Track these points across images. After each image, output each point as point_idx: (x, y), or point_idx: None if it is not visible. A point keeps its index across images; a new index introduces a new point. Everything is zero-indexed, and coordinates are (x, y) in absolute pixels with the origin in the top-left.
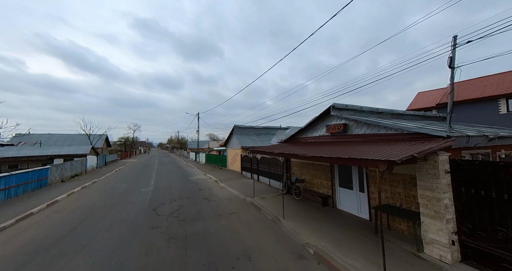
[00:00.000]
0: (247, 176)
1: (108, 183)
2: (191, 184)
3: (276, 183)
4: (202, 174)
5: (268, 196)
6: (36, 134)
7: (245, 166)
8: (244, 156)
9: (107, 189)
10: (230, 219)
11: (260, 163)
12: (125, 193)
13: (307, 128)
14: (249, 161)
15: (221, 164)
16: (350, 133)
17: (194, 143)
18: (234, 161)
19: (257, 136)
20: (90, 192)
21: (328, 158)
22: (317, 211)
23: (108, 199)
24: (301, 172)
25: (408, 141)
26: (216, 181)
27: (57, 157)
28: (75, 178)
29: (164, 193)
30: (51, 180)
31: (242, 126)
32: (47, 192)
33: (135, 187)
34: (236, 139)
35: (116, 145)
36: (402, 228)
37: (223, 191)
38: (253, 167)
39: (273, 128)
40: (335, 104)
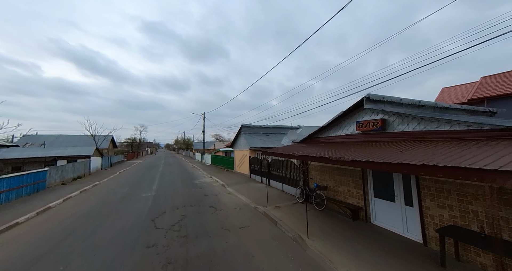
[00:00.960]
0: (257, 180)
1: (109, 187)
2: (196, 189)
3: (290, 189)
4: (207, 176)
5: (283, 205)
6: (43, 135)
7: (254, 169)
8: (253, 158)
9: (106, 193)
10: (240, 236)
11: (271, 166)
12: (125, 198)
13: (329, 126)
14: (258, 163)
15: (227, 166)
16: (391, 131)
17: (199, 144)
18: (241, 163)
19: (267, 136)
20: (88, 197)
21: (388, 164)
22: (347, 227)
23: (104, 205)
24: (322, 178)
25: (497, 140)
26: (223, 185)
27: (60, 158)
28: (77, 181)
29: (166, 199)
30: (50, 183)
31: (250, 126)
32: (43, 197)
33: (136, 192)
34: (244, 140)
35: (123, 146)
36: (482, 261)
37: (231, 198)
38: (264, 170)
39: (283, 127)
40: (370, 95)
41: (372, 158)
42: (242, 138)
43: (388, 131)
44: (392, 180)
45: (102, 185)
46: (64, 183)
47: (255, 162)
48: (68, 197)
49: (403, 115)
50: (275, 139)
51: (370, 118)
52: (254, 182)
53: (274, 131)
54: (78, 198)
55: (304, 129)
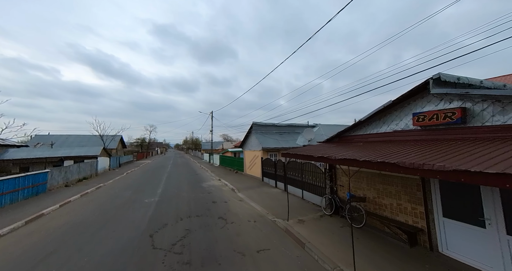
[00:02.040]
0: (270, 184)
1: (112, 190)
2: (203, 194)
3: (313, 197)
4: (216, 179)
5: (308, 218)
6: (54, 135)
7: (267, 172)
8: (265, 159)
9: (107, 197)
10: (259, 265)
11: (288, 169)
12: (125, 204)
13: (368, 121)
14: (272, 165)
15: (237, 168)
16: (477, 125)
17: (207, 144)
18: (252, 164)
19: (280, 135)
20: (87, 201)
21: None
22: (405, 257)
23: (102, 213)
24: (356, 186)
25: None
26: (233, 189)
27: (67, 158)
28: (83, 182)
29: (170, 206)
30: (52, 185)
31: (262, 124)
32: (40, 201)
33: (139, 196)
34: (256, 139)
35: (133, 146)
36: None
37: (243, 206)
38: (279, 174)
39: (297, 126)
40: (442, 75)
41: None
42: (253, 137)
43: (471, 124)
44: (480, 195)
45: (105, 187)
46: (67, 185)
47: (268, 164)
48: (66, 202)
49: (504, 100)
50: (290, 139)
51: (438, 107)
52: (267, 186)
53: (287, 130)
54: (77, 203)
55: (321, 127)
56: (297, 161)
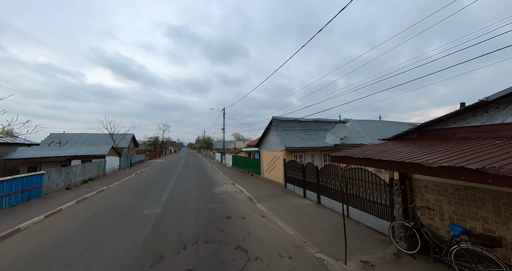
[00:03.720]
0: (296, 193)
1: (113, 195)
2: (215, 204)
3: (364, 216)
4: (229, 183)
5: (375, 257)
6: (68, 133)
7: (292, 177)
8: (290, 161)
9: (103, 206)
10: None
11: (322, 175)
12: (120, 218)
13: (482, 108)
14: (299, 169)
15: (252, 170)
16: None
17: (219, 143)
18: (272, 167)
19: (305, 133)
20: (77, 212)
21: None
22: None
23: (85, 233)
24: (461, 211)
25: None
26: (251, 199)
27: (75, 158)
28: (87, 184)
29: (173, 223)
30: (50, 188)
31: (283, 119)
32: (26, 210)
33: (139, 205)
34: (276, 137)
35: (146, 145)
36: None
37: (268, 227)
38: (309, 181)
39: (324, 121)
40: None
41: None
42: (274, 135)
43: None
44: None
45: (107, 191)
46: (69, 188)
47: (293, 167)
48: (55, 212)
49: None
50: (317, 137)
51: None
52: (293, 195)
53: (313, 126)
54: (66, 214)
55: (354, 123)
56: (335, 165)
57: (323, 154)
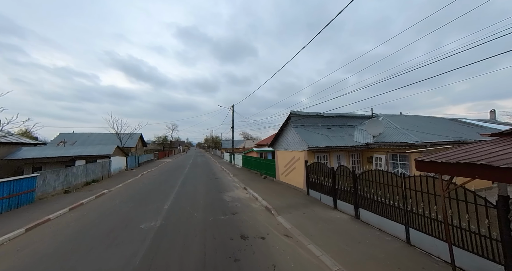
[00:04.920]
0: (323, 202)
1: (113, 200)
2: (226, 216)
3: (435, 245)
4: (240, 187)
5: None
6: (77, 133)
7: (316, 183)
8: (313, 163)
9: (97, 216)
10: None
11: (361, 183)
12: (111, 233)
13: None
14: (327, 174)
15: (265, 172)
16: None
17: (228, 142)
18: (290, 170)
19: (329, 130)
20: (66, 224)
21: None
22: None
23: (64, 256)
24: None
25: None
26: (268, 209)
27: (79, 158)
28: (90, 186)
29: (173, 246)
30: (46, 192)
31: (303, 114)
32: (8, 220)
33: (137, 216)
34: (296, 135)
35: (155, 144)
36: None
37: (298, 256)
38: (341, 188)
39: (350, 116)
40: None
41: None
42: (292, 132)
43: None
44: None
45: (108, 195)
46: (68, 191)
47: (318, 171)
48: (42, 222)
49: None
50: (343, 134)
51: None
52: (319, 205)
53: (337, 122)
54: (53, 225)
55: (387, 118)
56: (380, 170)
57: (351, 154)
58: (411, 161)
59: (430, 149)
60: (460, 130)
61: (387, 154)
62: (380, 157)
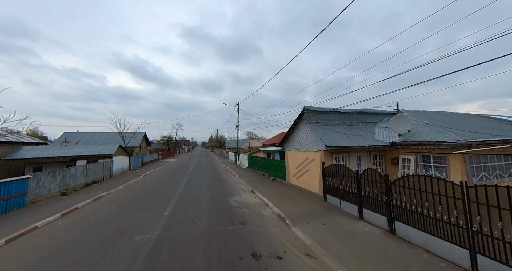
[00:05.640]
0: (344, 210)
1: (110, 205)
2: (233, 226)
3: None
4: (247, 190)
5: None
6: (81, 132)
7: (334, 187)
8: (332, 166)
9: (89, 224)
10: None
11: (396, 190)
12: (101, 247)
13: None
14: (348, 178)
15: (274, 174)
16: None
17: (232, 142)
18: (302, 172)
19: (347, 128)
20: (52, 233)
21: None
22: None
23: None
24: None
25: None
26: (282, 218)
27: (80, 158)
28: (90, 187)
29: (170, 267)
30: (40, 195)
31: (317, 110)
32: None
33: (133, 225)
34: (310, 133)
35: (160, 144)
36: None
37: None
38: (369, 196)
39: (370, 113)
40: None
41: None
42: (306, 130)
43: None
44: None
45: (106, 199)
46: (65, 193)
47: (338, 174)
48: (26, 231)
49: None
50: (364, 133)
51: None
52: (340, 214)
53: (355, 119)
54: (38, 235)
55: (413, 115)
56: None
57: (372, 155)
58: (449, 163)
59: (477, 149)
60: (499, 127)
61: (416, 155)
62: (408, 158)
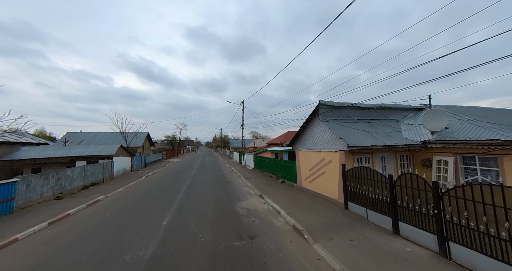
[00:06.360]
0: (372, 221)
1: (104, 211)
2: (241, 240)
3: None
4: (255, 194)
5: None
6: (84, 132)
7: (359, 194)
8: (355, 169)
9: (76, 237)
10: None
11: (452, 203)
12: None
13: None
14: (378, 183)
15: (282, 176)
16: None
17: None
18: (317, 174)
19: (367, 124)
20: (33, 248)
21: None
22: None
23: None
24: None
25: None
26: (298, 231)
27: (79, 159)
28: (87, 191)
29: None
30: (30, 200)
31: (335, 104)
32: None
33: (126, 237)
34: (328, 131)
35: (164, 143)
36: None
37: None
38: (408, 207)
39: (393, 108)
40: None
41: None
42: (322, 128)
43: None
44: None
45: (101, 204)
46: (59, 197)
47: (363, 178)
48: (4, 245)
49: None
50: (387, 130)
51: None
52: (367, 226)
53: (377, 115)
54: (15, 250)
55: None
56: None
57: (399, 156)
58: (503, 167)
59: None
60: None
61: (456, 156)
62: (445, 159)
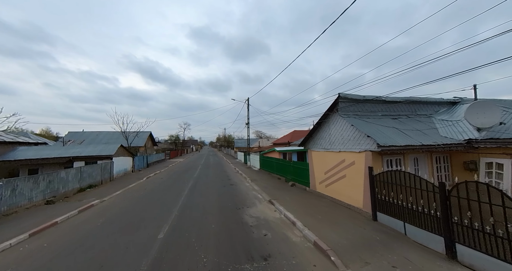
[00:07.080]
0: (411, 237)
1: (97, 219)
2: (254, 264)
3: None
4: (264, 199)
5: None
6: (86, 132)
7: (391, 203)
8: (387, 172)
9: (57, 253)
10: None
11: None
12: None
13: None
14: (422, 192)
15: (293, 178)
16: None
17: (241, 141)
18: (336, 178)
19: (395, 121)
20: (4, 267)
21: None
22: None
23: None
24: None
25: None
26: (322, 250)
27: (77, 159)
28: (83, 194)
29: None
30: (17, 205)
31: (357, 98)
32: None
33: (114, 255)
34: (350, 128)
35: (167, 143)
36: None
37: None
38: (471, 226)
39: (424, 102)
40: None
41: None
42: (342, 125)
43: None
44: None
45: (95, 209)
46: (51, 201)
47: (397, 184)
48: None
49: None
50: (420, 127)
51: None
52: (408, 245)
53: (404, 110)
54: None
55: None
56: None
57: (435, 157)
58: None
59: None
60: None
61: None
62: (498, 162)
